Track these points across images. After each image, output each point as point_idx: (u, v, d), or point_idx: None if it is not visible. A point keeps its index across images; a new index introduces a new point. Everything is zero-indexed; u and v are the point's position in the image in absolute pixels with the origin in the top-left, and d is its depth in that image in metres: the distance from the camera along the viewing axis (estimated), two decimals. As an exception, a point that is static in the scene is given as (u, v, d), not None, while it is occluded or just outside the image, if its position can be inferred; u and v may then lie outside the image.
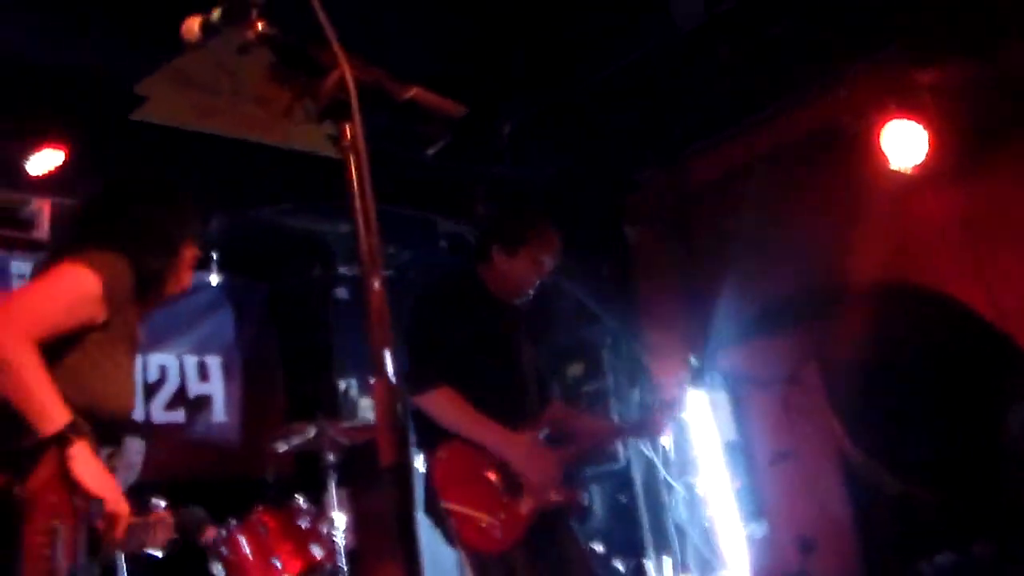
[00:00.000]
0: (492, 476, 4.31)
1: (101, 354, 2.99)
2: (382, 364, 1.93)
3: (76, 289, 2.91)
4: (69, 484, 2.81)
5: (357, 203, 1.98)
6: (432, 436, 4.36)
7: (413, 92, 2.16)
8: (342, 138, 2.03)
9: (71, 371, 2.91)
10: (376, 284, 1.94)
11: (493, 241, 4.73)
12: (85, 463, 2.82)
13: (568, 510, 4.56)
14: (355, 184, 1.99)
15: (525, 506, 4.28)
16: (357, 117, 2.00)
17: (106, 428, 3.02)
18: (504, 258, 4.69)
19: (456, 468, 4.28)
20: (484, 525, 4.18)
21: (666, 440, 7.33)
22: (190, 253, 3.48)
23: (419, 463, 4.62)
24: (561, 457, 4.51)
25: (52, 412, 2.77)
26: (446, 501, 4.19)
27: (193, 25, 2.46)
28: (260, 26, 2.21)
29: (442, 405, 4.28)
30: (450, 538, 4.25)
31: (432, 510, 4.27)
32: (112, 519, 2.88)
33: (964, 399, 6.05)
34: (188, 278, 3.50)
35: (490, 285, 4.73)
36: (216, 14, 2.37)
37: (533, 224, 4.75)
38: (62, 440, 2.77)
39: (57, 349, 2.88)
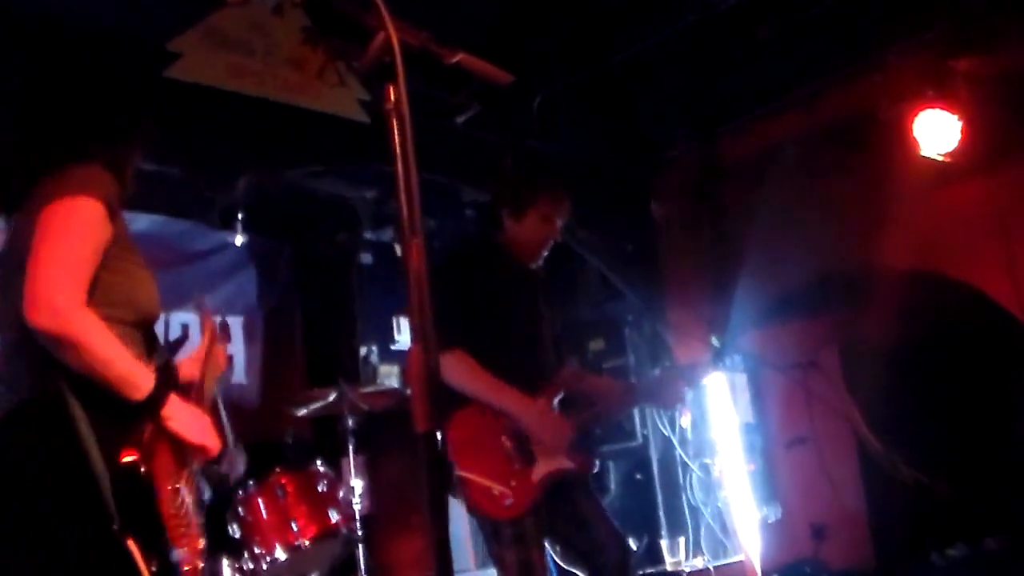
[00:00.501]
0: (505, 443, 4.32)
1: (125, 265, 2.92)
2: (421, 330, 1.91)
3: (91, 225, 2.80)
4: (174, 443, 2.85)
5: (399, 167, 1.95)
6: (447, 403, 4.32)
7: (459, 57, 2.14)
8: (386, 101, 1.99)
9: (112, 291, 2.85)
10: (416, 249, 1.92)
11: (501, 207, 4.74)
12: (179, 417, 2.86)
13: (582, 477, 4.56)
14: (398, 148, 1.96)
15: (537, 473, 4.29)
16: (402, 80, 1.97)
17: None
18: (513, 222, 4.69)
19: (469, 435, 4.28)
20: (496, 493, 4.20)
21: (684, 420, 7.32)
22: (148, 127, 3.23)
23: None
24: (575, 422, 4.52)
25: (136, 379, 2.75)
26: (460, 469, 4.21)
27: (238, -19, 2.45)
28: (305, -16, 2.19)
29: (456, 368, 4.26)
30: (464, 504, 4.28)
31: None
32: (216, 456, 2.99)
33: (985, 392, 6.03)
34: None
35: (507, 251, 4.73)
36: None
37: (537, 185, 4.74)
38: (155, 403, 2.78)
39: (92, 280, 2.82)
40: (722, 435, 7.21)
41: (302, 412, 6.15)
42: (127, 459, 2.64)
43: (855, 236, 6.69)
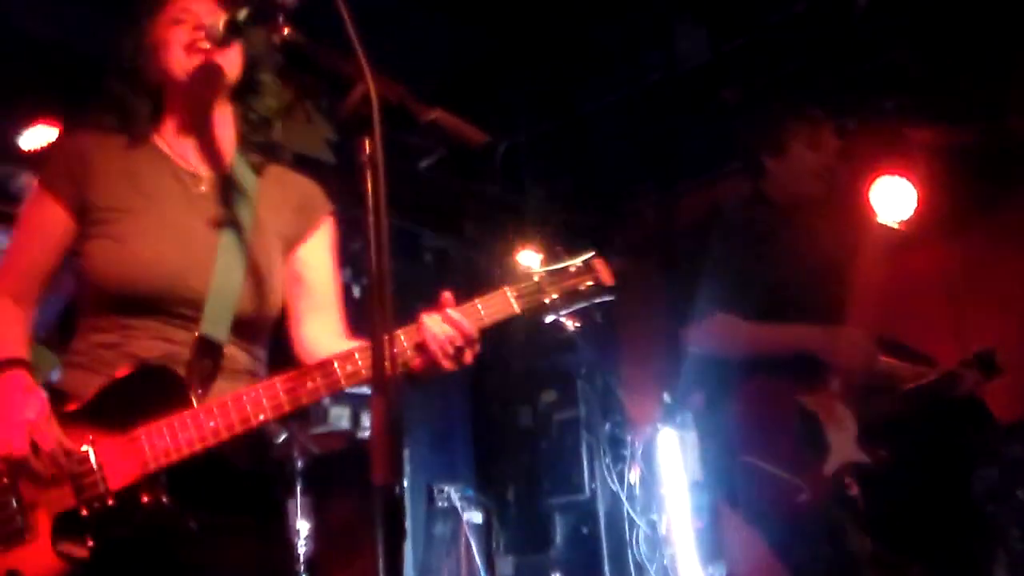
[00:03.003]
0: (796, 425, 3.84)
1: (97, 239, 2.58)
2: (383, 382, 1.91)
3: (23, 212, 2.68)
4: None
5: (371, 219, 1.95)
6: (725, 379, 3.98)
7: (436, 114, 2.15)
8: (360, 152, 2.00)
9: (82, 275, 2.61)
10: (384, 305, 1.93)
11: (759, 152, 4.30)
12: None
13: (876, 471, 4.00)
14: (370, 200, 1.96)
15: (830, 466, 3.82)
16: (378, 133, 1.98)
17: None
18: (777, 162, 4.25)
19: (756, 416, 3.88)
20: (784, 485, 3.75)
21: (633, 475, 7.32)
22: (167, 20, 2.65)
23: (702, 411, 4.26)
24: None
25: None
26: (746, 455, 3.80)
27: (217, 23, 2.45)
28: (286, 31, 2.20)
29: (713, 333, 3.98)
30: (737, 498, 3.91)
31: (721, 464, 3.97)
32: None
33: (935, 459, 6.07)
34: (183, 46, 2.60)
35: (780, 199, 4.28)
36: (243, 14, 2.36)
37: (790, 114, 4.33)
38: None
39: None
40: (670, 492, 7.22)
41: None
42: None
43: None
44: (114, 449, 2.38)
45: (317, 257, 2.80)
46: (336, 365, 2.43)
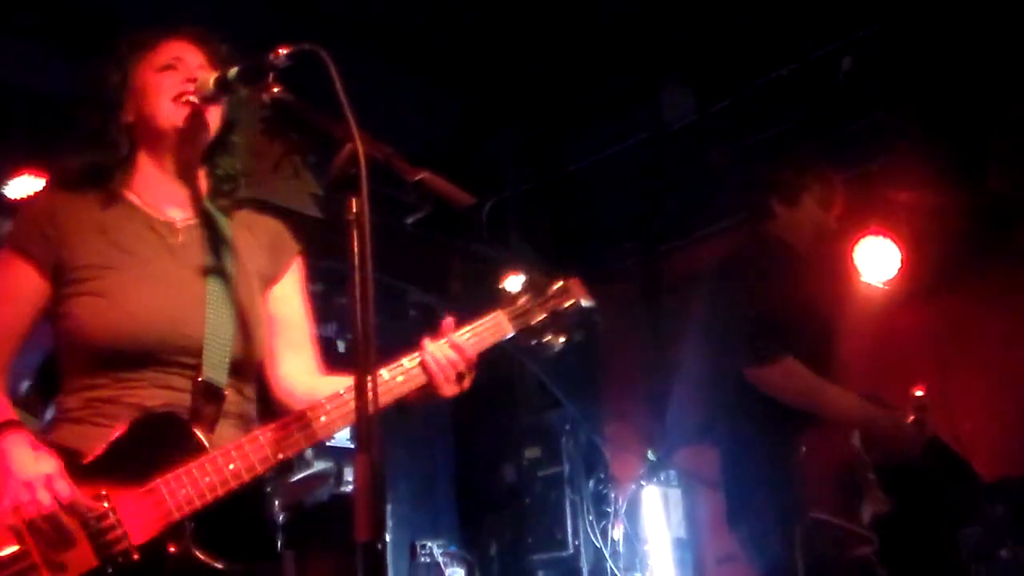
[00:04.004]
0: (849, 475, 3.86)
1: (76, 297, 2.56)
2: (366, 439, 1.93)
3: None
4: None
5: (356, 276, 1.98)
6: (783, 428, 3.89)
7: (422, 175, 2.18)
8: (347, 211, 2.03)
9: (60, 338, 2.60)
10: (369, 362, 1.94)
11: (771, 194, 4.34)
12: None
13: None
14: (356, 259, 1.99)
15: (865, 515, 3.86)
16: (365, 192, 2.01)
17: None
18: (786, 209, 4.31)
19: (822, 467, 3.86)
20: (849, 539, 3.75)
21: (617, 532, 7.30)
22: (156, 64, 2.66)
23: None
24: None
25: None
26: (816, 511, 3.75)
27: (208, 80, 2.47)
28: (276, 89, 2.23)
29: (790, 377, 3.85)
30: (794, 554, 3.75)
31: (785, 523, 3.78)
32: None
33: (921, 519, 6.06)
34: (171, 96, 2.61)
35: (789, 241, 4.30)
36: (232, 72, 2.38)
37: (808, 167, 4.42)
38: None
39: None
40: (654, 549, 7.19)
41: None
42: None
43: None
44: (132, 502, 2.34)
45: (290, 296, 2.83)
46: (346, 397, 2.46)
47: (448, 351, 2.58)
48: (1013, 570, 5.49)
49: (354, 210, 2.02)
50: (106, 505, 2.33)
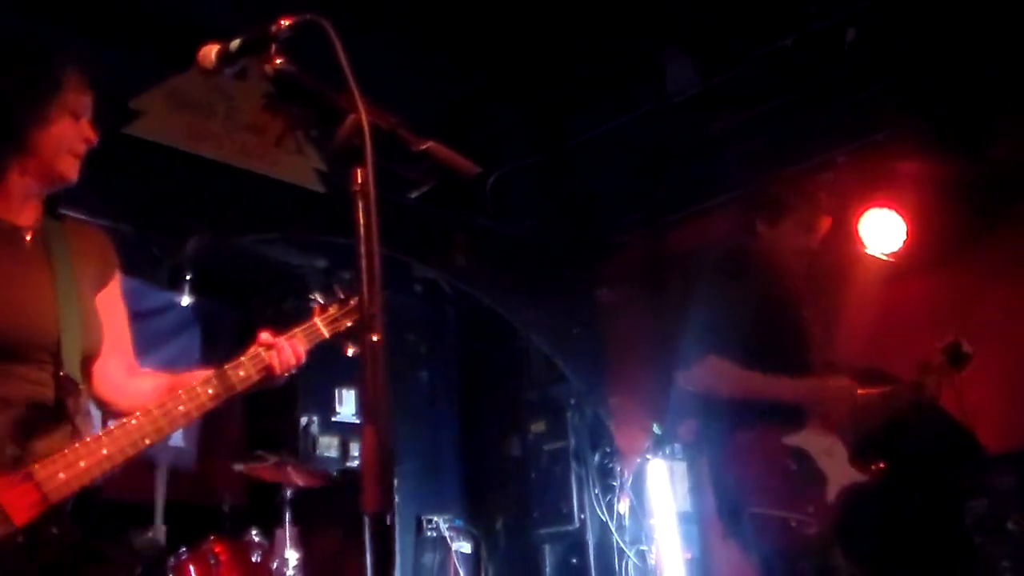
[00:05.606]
0: (791, 465, 3.99)
1: None
2: (374, 409, 1.91)
3: None
4: None
5: (362, 248, 1.96)
6: (716, 430, 4.12)
7: (428, 144, 2.16)
8: (352, 182, 2.01)
9: None
10: (374, 333, 1.93)
11: (755, 215, 4.49)
12: None
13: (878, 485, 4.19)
14: (362, 230, 1.97)
15: (831, 492, 3.99)
16: (370, 163, 1.99)
17: None
18: (768, 229, 4.44)
19: (753, 464, 4.00)
20: (795, 524, 3.88)
21: (623, 506, 7.30)
22: (68, 105, 2.78)
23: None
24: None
25: None
26: (754, 506, 3.92)
27: (210, 52, 2.44)
28: (279, 61, 2.21)
29: (717, 374, 4.06)
30: (750, 544, 3.99)
31: (731, 516, 4.03)
32: None
33: (925, 491, 6.05)
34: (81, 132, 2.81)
35: (769, 256, 4.43)
36: (235, 44, 2.36)
37: (797, 186, 4.53)
38: None
39: None
40: (660, 523, 7.19)
41: (239, 468, 6.12)
42: None
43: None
44: (9, 488, 2.44)
45: (113, 303, 3.01)
46: (199, 390, 2.75)
47: (288, 355, 3.01)
48: (1020, 542, 5.49)
49: (359, 181, 2.00)
50: None
